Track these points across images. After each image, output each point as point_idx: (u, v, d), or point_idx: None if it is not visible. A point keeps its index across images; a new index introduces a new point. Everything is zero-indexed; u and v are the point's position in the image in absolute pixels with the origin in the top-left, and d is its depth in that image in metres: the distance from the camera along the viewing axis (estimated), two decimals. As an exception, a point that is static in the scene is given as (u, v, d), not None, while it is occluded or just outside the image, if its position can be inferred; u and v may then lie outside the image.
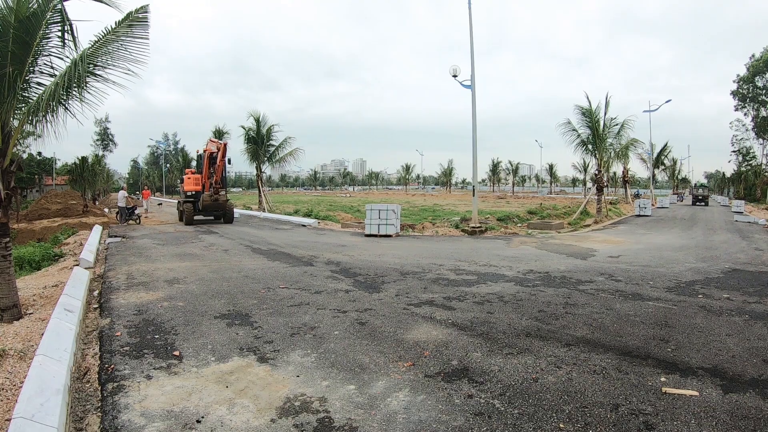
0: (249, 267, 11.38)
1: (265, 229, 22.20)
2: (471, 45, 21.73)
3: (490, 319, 7.12)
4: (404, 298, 8.44)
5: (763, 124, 70.26)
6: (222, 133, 43.86)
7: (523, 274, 10.68)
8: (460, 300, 8.31)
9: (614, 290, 9.10)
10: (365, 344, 5.95)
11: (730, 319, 7.13)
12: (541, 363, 5.39)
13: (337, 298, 8.36)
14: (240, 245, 15.75)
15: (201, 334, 6.30)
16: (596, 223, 26.43)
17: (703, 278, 10.34)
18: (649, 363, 5.38)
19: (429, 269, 11.29)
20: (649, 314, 7.39)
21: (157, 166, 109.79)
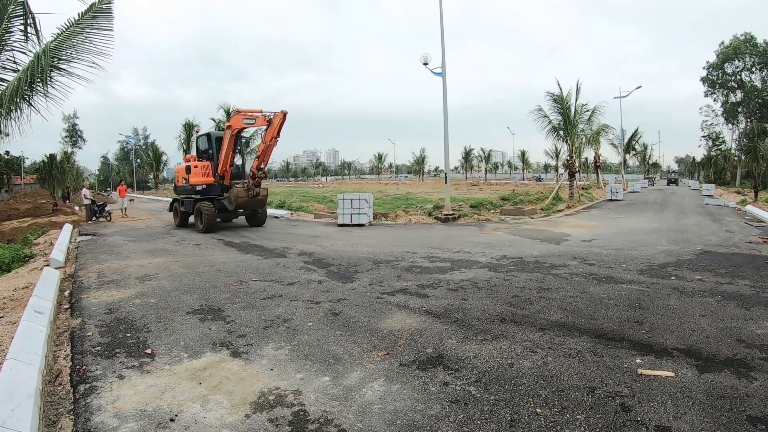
0: (221, 260, 11.30)
1: (235, 221, 21.86)
2: (441, 32, 21.75)
3: (464, 306, 7.12)
4: (378, 287, 8.41)
5: (733, 110, 72.78)
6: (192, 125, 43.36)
7: (496, 260, 10.72)
8: (434, 287, 8.30)
9: (588, 274, 9.18)
10: (339, 335, 5.91)
11: (704, 300, 7.24)
12: (516, 348, 5.39)
13: (311, 289, 8.31)
14: (212, 239, 15.64)
15: (173, 330, 6.21)
16: (569, 208, 26.79)
17: (675, 260, 10.51)
18: (624, 345, 5.42)
19: (402, 257, 11.28)
20: (623, 297, 7.47)
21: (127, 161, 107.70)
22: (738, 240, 13.77)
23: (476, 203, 26.22)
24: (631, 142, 64.53)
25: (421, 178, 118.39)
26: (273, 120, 16.53)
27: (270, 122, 16.66)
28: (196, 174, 18.70)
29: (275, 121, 16.49)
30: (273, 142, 16.90)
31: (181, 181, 19.82)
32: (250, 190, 17.59)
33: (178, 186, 20.32)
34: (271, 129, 16.72)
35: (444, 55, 21.75)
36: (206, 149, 19.54)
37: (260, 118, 17.01)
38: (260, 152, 17.38)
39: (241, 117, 17.28)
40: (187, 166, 19.08)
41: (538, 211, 24.79)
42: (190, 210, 19.02)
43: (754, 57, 69.03)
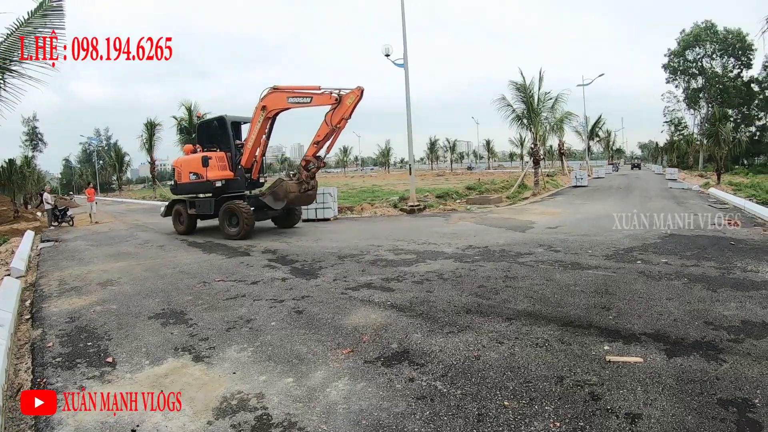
0: (185, 262, 11.11)
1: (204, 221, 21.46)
2: (403, 24, 21.72)
3: (429, 299, 7.02)
4: (342, 282, 8.30)
5: (694, 96, 74.81)
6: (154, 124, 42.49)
7: (462, 250, 10.65)
8: (399, 280, 8.20)
9: (554, 261, 9.18)
10: (302, 333, 5.78)
11: (670, 283, 7.28)
12: (482, 340, 5.30)
13: (274, 287, 8.19)
14: (176, 240, 15.44)
15: (135, 336, 6.04)
16: (534, 196, 27.04)
17: (640, 244, 10.60)
18: (592, 332, 5.37)
19: (367, 251, 11.18)
20: (590, 283, 7.47)
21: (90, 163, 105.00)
22: (702, 222, 13.99)
23: (442, 193, 26.26)
24: (595, 129, 65.90)
25: (387, 170, 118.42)
26: (344, 99, 13.65)
27: (339, 101, 13.66)
28: (213, 168, 15.64)
29: (348, 99, 13.65)
30: (342, 125, 14.07)
31: (185, 176, 16.41)
32: (303, 183, 14.71)
33: (181, 183, 16.72)
34: (341, 109, 13.73)
35: (405, 47, 21.73)
36: (216, 137, 16.34)
37: (320, 96, 14.02)
38: (321, 137, 14.28)
39: (284, 95, 14.54)
40: (203, 157, 15.37)
41: (503, 199, 24.94)
42: (208, 211, 16.07)
43: (715, 44, 71.44)
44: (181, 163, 16.88)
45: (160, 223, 21.26)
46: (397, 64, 22.03)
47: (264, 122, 15.03)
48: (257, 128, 15.12)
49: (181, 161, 16.93)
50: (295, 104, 14.48)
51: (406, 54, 21.77)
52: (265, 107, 14.81)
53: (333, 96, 13.71)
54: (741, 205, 18.23)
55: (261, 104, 14.90)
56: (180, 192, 17.12)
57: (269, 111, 14.85)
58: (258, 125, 15.08)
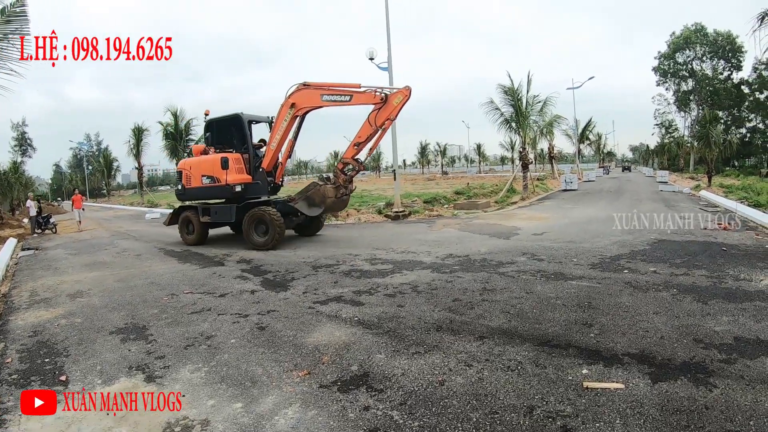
0: (158, 272, 10.83)
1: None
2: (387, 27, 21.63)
3: (399, 314, 6.60)
4: (312, 295, 7.95)
5: (684, 98, 75.34)
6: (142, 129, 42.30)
7: (441, 260, 10.23)
8: (371, 293, 7.80)
9: (536, 271, 8.75)
10: (261, 352, 5.46)
11: (658, 295, 6.86)
12: (450, 362, 4.88)
13: (241, 300, 7.88)
14: (154, 248, 15.12)
15: (93, 353, 5.81)
16: (523, 200, 26.71)
17: (628, 251, 10.20)
18: (570, 353, 4.94)
19: (344, 260, 10.82)
20: (572, 295, 7.04)
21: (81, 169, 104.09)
22: (693, 227, 13.66)
23: (430, 198, 25.87)
24: (585, 131, 65.81)
25: (378, 175, 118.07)
26: (390, 98, 12.72)
27: (386, 100, 12.73)
28: (233, 171, 14.29)
29: (395, 99, 12.71)
30: (387, 126, 13.12)
31: (196, 180, 14.99)
32: (341, 188, 13.70)
33: (191, 188, 15.23)
34: (386, 109, 12.76)
35: (390, 51, 21.62)
36: (230, 137, 15.15)
37: (362, 95, 12.95)
38: (362, 138, 13.33)
39: (317, 92, 13.40)
40: (223, 158, 13.94)
41: (492, 204, 24.55)
42: (227, 219, 14.57)
43: (705, 46, 72.27)
44: (190, 165, 15.33)
45: (143, 230, 21.25)
46: (381, 67, 21.86)
47: (291, 121, 13.89)
48: (283, 127, 13.91)
49: (191, 163, 15.39)
50: (330, 102, 13.34)
51: (390, 58, 21.66)
52: (294, 105, 13.59)
53: (378, 95, 12.77)
54: (732, 207, 17.94)
55: (289, 101, 13.64)
56: (189, 198, 15.64)
57: (298, 109, 13.66)
58: (284, 124, 13.88)
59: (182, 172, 15.47)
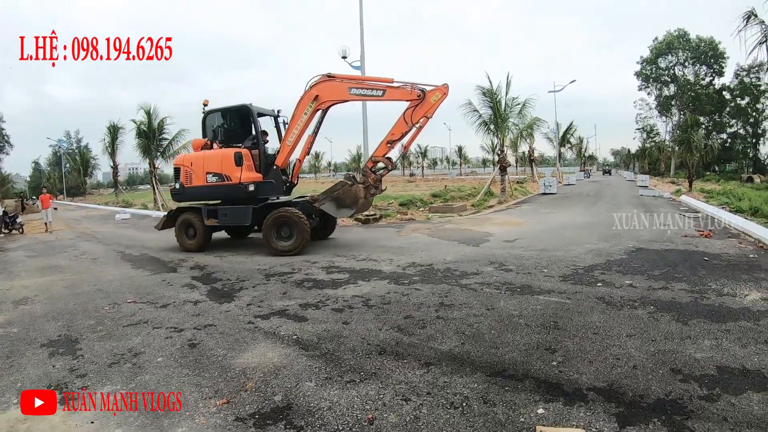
0: (108, 278, 10.28)
1: (150, 231, 20.14)
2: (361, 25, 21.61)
3: (342, 333, 5.92)
4: (255, 308, 7.32)
5: (666, 103, 76.92)
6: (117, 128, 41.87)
7: (402, 269, 9.53)
8: (317, 307, 7.12)
9: (501, 283, 8.05)
10: (185, 374, 4.96)
11: (633, 314, 6.19)
12: (386, 394, 4.22)
13: (182, 312, 7.35)
14: (113, 252, 14.45)
15: (17, 368, 5.42)
16: (500, 204, 26.19)
17: (604, 261, 9.57)
18: (527, 386, 4.24)
19: (299, 268, 10.16)
20: (537, 313, 6.33)
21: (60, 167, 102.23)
22: (673, 234, 13.15)
23: (406, 201, 25.36)
24: (566, 135, 65.93)
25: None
26: (428, 95, 12.04)
27: (423, 97, 12.00)
28: (247, 168, 12.96)
29: (432, 96, 12.07)
30: (424, 124, 12.50)
31: (199, 178, 13.39)
32: (371, 188, 12.76)
33: (192, 187, 13.56)
34: (423, 107, 12.09)
35: (363, 49, 21.56)
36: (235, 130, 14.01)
37: (396, 90, 12.26)
38: (396, 136, 12.56)
39: (345, 85, 12.57)
40: (237, 154, 12.77)
41: (468, 207, 24.00)
42: (242, 222, 13.23)
43: (687, 52, 73.61)
44: (191, 161, 13.63)
45: (108, 232, 20.56)
46: (353, 66, 21.70)
47: (311, 115, 12.87)
48: (302, 121, 12.84)
49: (192, 159, 13.71)
50: (359, 97, 12.74)
51: (363, 56, 21.58)
52: (318, 97, 12.61)
53: (415, 92, 12.01)
54: (714, 213, 17.57)
55: (312, 93, 12.64)
56: (189, 198, 13.93)
57: (322, 102, 12.69)
58: (304, 118, 12.82)
59: (180, 169, 13.68)
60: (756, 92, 67.87)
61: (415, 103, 12.01)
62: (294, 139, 13.09)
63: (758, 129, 70.91)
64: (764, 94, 67.71)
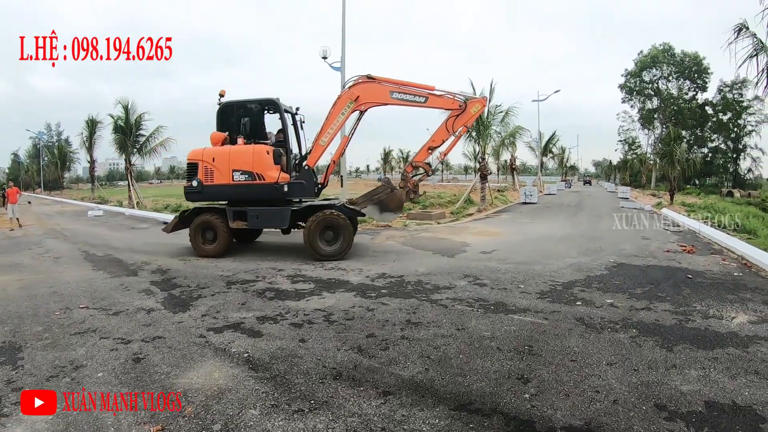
0: (66, 280, 9.77)
1: (121, 229, 19.74)
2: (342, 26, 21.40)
3: (297, 352, 5.42)
4: (210, 319, 6.83)
5: (649, 116, 77.90)
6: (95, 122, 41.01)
7: (371, 280, 9.04)
8: (276, 321, 6.62)
9: (475, 299, 7.58)
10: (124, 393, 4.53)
11: (614, 338, 5.75)
12: (336, 429, 3.76)
13: (133, 321, 6.88)
14: (78, 251, 13.83)
15: None
16: (480, 212, 25.84)
17: (584, 277, 9.17)
18: (494, 423, 3.80)
19: (264, 276, 9.65)
20: (511, 335, 5.87)
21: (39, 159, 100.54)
22: (655, 248, 12.84)
23: (384, 206, 24.74)
24: (549, 144, 66.16)
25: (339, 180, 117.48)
26: (469, 106, 12.40)
27: (464, 108, 12.36)
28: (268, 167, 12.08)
29: (473, 108, 12.49)
30: (462, 132, 13.00)
31: (224, 175, 12.27)
32: (410, 193, 12.89)
33: (214, 185, 12.40)
34: (464, 117, 12.44)
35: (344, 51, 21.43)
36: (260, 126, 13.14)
37: (439, 98, 12.49)
38: (437, 143, 12.85)
39: (386, 88, 12.40)
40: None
41: (447, 215, 23.59)
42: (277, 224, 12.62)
43: (672, 66, 74.85)
44: (213, 156, 12.35)
45: (78, 229, 19.85)
46: (334, 67, 21.54)
47: (348, 115, 12.61)
48: (339, 121, 12.57)
49: (215, 154, 12.40)
50: (400, 101, 12.36)
51: (344, 58, 21.43)
52: (358, 98, 12.37)
53: (458, 102, 12.32)
54: (696, 228, 17.38)
55: (352, 93, 12.40)
56: (210, 197, 12.75)
57: (361, 103, 12.45)
58: (341, 117, 12.53)
59: (198, 165, 12.43)
60: (738, 108, 69.07)
61: (456, 113, 12.30)
62: (328, 139, 12.63)
63: (739, 144, 72.19)
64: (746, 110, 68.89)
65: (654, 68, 75.76)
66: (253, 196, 12.19)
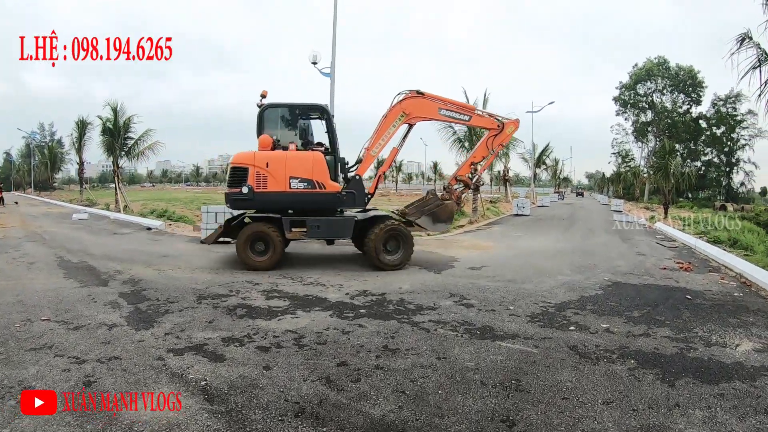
0: (35, 288, 9.29)
1: (102, 234, 19.19)
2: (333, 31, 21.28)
3: (260, 381, 4.91)
4: (173, 339, 6.30)
5: (642, 129, 78.71)
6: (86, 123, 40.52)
7: (350, 297, 8.51)
8: (242, 343, 6.09)
9: (460, 322, 7.05)
10: (65, 424, 4.08)
11: (611, 370, 5.25)
12: None
13: (92, 338, 6.38)
14: (53, 256, 13.27)
15: None
16: (471, 224, 25.54)
17: (577, 298, 8.69)
18: (474, 483, 3.23)
19: (238, 290, 9.08)
20: (497, 366, 5.34)
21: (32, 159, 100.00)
22: (651, 265, 12.46)
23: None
24: (542, 156, 66.12)
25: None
26: (506, 126, 13.30)
27: (502, 128, 13.21)
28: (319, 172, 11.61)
29: (508, 128, 13.42)
30: (498, 150, 14.24)
31: (279, 182, 11.48)
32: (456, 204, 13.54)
33: (266, 193, 11.54)
34: (501, 136, 13.35)
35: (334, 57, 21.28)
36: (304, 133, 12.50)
37: (480, 118, 13.55)
38: (478, 159, 13.72)
39: (435, 105, 12.69)
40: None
41: (438, 226, 23.11)
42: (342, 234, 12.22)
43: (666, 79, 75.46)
44: (267, 161, 11.48)
45: (59, 233, 19.25)
46: (323, 73, 21.10)
47: (398, 127, 12.63)
48: (389, 133, 12.53)
49: (269, 158, 11.51)
50: (446, 118, 13.19)
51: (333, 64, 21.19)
52: (408, 113, 12.49)
53: (496, 122, 13.27)
54: (691, 243, 17.16)
55: (404, 107, 12.48)
56: (261, 205, 11.81)
57: (410, 117, 12.57)
58: (391, 129, 12.52)
59: (248, 170, 11.55)
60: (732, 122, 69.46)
61: (494, 133, 13.12)
62: (379, 149, 12.63)
63: (732, 158, 72.60)
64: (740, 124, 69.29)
65: (649, 81, 76.56)
66: (311, 206, 11.79)
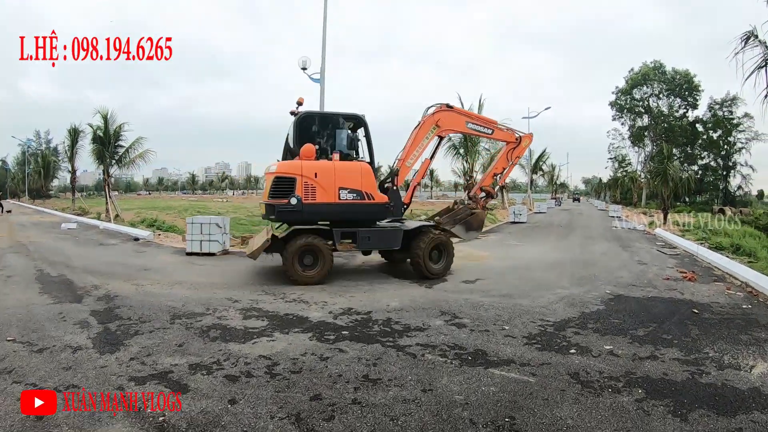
0: (6, 305, 8.92)
1: (88, 245, 18.75)
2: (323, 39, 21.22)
3: (222, 418, 4.37)
4: (138, 364, 5.79)
5: (639, 134, 78.94)
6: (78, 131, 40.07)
7: (333, 317, 7.93)
8: (210, 371, 5.54)
9: (450, 346, 6.47)
10: None
11: (616, 402, 4.69)
12: None
13: (55, 362, 5.96)
14: (33, 269, 12.86)
15: None
16: (467, 233, 24.82)
17: (578, 314, 8.15)
18: None
19: (215, 308, 8.52)
20: (489, 400, 4.76)
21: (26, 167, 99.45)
22: (653, 275, 11.99)
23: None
24: (539, 162, 65.76)
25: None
26: (523, 139, 14.12)
27: (519, 142, 14.04)
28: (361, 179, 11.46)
29: (524, 142, 14.22)
30: (515, 162, 14.84)
31: (328, 193, 11.12)
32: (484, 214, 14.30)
33: (314, 204, 11.08)
34: (518, 150, 14.21)
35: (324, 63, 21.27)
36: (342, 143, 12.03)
37: (501, 132, 13.98)
38: (498, 170, 14.43)
39: (463, 118, 13.33)
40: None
41: (432, 235, 22.58)
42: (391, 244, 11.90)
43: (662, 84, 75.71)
44: (316, 171, 11.07)
45: (45, 243, 18.83)
46: (313, 79, 21.07)
47: (431, 138, 12.83)
48: (422, 144, 12.65)
49: (318, 168, 11.12)
50: (472, 131, 13.86)
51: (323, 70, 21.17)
52: (439, 126, 12.72)
53: (515, 135, 14.07)
54: (693, 250, 16.72)
55: (435, 120, 12.66)
56: (309, 217, 11.27)
57: (442, 130, 12.98)
58: (424, 142, 12.64)
59: (296, 180, 11.01)
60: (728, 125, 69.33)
61: (512, 146, 13.88)
62: (414, 160, 12.68)
63: (729, 162, 72.49)
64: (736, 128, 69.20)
65: (645, 86, 76.68)
66: (361, 217, 11.69)
